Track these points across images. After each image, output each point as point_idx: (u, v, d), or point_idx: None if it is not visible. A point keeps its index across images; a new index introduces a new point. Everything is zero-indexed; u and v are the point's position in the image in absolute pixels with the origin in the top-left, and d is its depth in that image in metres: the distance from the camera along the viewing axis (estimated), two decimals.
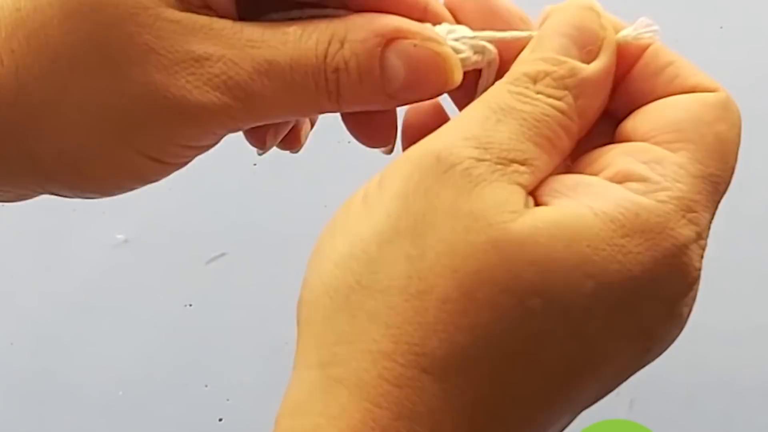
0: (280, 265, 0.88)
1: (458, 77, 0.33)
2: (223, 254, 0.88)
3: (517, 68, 0.31)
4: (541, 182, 0.30)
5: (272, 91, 0.32)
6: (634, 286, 0.29)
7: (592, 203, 0.29)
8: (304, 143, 0.41)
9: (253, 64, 0.32)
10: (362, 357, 0.28)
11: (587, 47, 0.32)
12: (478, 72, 0.35)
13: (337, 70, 0.32)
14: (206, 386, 0.84)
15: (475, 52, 0.34)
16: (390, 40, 0.33)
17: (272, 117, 0.33)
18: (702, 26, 0.91)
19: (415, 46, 0.33)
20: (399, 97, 0.33)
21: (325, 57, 0.32)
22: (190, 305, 0.86)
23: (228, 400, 0.84)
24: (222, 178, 0.88)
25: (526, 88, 0.31)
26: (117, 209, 0.87)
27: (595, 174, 0.30)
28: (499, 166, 0.29)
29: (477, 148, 0.29)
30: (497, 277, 0.28)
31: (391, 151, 0.38)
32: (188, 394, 0.84)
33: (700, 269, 0.30)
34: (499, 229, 0.28)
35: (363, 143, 0.38)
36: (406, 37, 0.33)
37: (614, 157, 0.31)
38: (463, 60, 0.34)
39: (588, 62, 0.31)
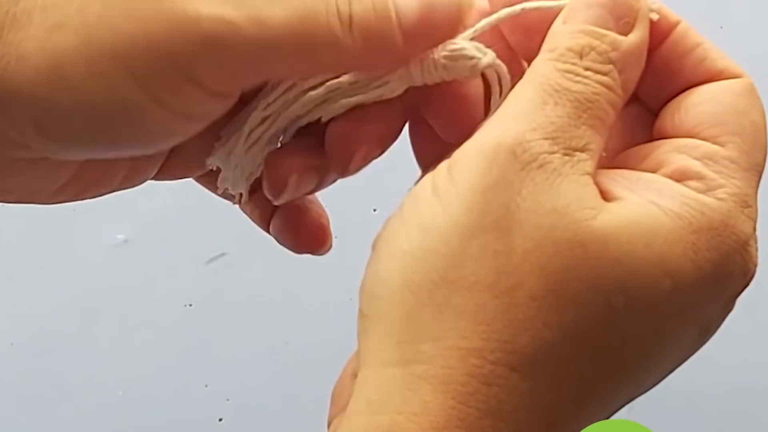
0: (280, 265, 0.88)
1: (470, 8, 0.33)
2: (223, 254, 0.88)
3: (557, 42, 0.31)
4: (598, 167, 0.31)
5: (279, 11, 0.30)
6: (705, 285, 0.30)
7: (658, 201, 0.29)
8: (330, 242, 0.40)
9: None
10: (449, 354, 0.28)
11: (623, 19, 0.32)
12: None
13: None
14: (206, 386, 0.84)
15: (475, 48, 0.34)
16: None
17: (283, 43, 0.30)
18: (702, 26, 0.91)
19: None
20: (413, 36, 0.32)
21: None
22: (190, 305, 0.86)
23: (228, 400, 0.84)
24: None
25: (574, 64, 0.31)
26: (117, 209, 0.87)
27: (652, 171, 0.31)
28: (567, 157, 0.29)
29: (545, 139, 0.29)
30: (584, 275, 0.28)
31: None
32: (188, 394, 0.84)
33: (756, 264, 0.31)
34: (584, 227, 0.28)
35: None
36: None
37: (666, 154, 0.31)
38: (460, 53, 0.34)
39: (625, 34, 0.31)
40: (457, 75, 0.35)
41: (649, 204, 0.29)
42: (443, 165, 0.31)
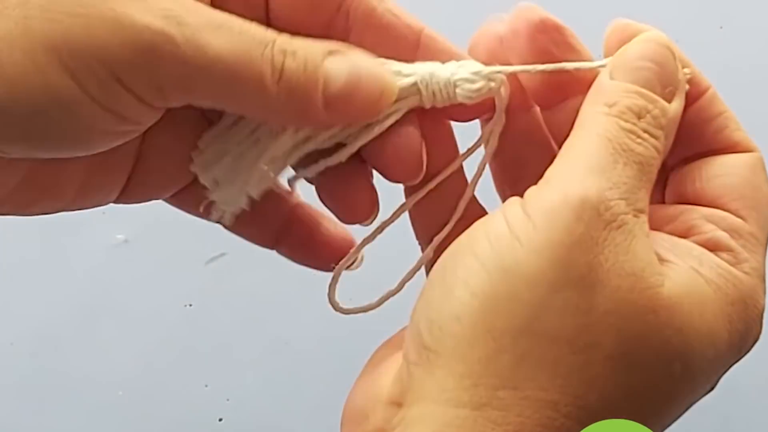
0: (280, 265, 0.87)
1: (391, 97, 0.34)
2: (223, 254, 0.88)
3: (614, 97, 0.32)
4: None
5: (218, 42, 0.31)
6: (732, 353, 0.32)
7: (699, 269, 0.31)
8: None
9: (205, 18, 0.31)
10: (526, 404, 0.29)
11: (668, 87, 0.33)
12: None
13: (284, 52, 0.32)
14: (206, 386, 0.84)
15: (489, 80, 0.35)
16: (336, 51, 0.34)
17: (214, 72, 0.31)
18: (702, 26, 0.91)
19: (358, 57, 0.34)
20: (334, 104, 0.33)
21: (275, 40, 0.32)
22: (190, 305, 0.86)
23: (228, 400, 0.84)
24: None
25: (634, 125, 0.32)
26: (117, 209, 0.87)
27: (681, 235, 0.33)
28: (636, 218, 0.31)
29: (622, 199, 0.30)
30: (652, 341, 0.30)
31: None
32: (188, 394, 0.84)
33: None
34: (656, 294, 0.30)
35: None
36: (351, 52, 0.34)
37: (696, 221, 0.33)
38: (477, 89, 0.35)
39: (669, 101, 0.33)
40: (464, 99, 0.35)
41: (693, 272, 0.31)
42: (516, 206, 0.31)
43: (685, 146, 0.35)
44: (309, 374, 0.81)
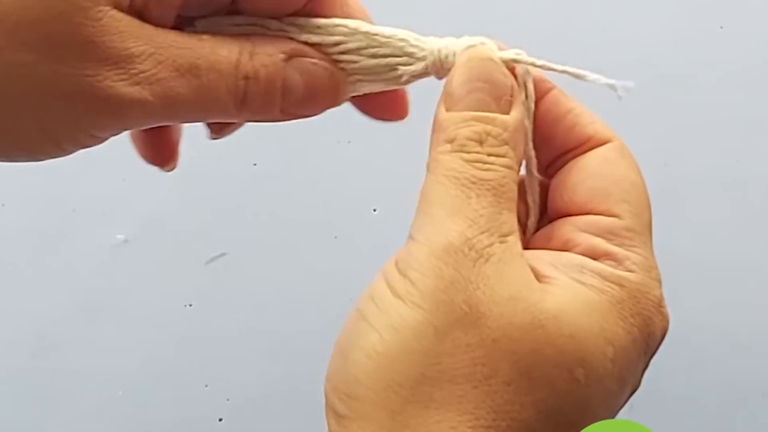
0: (280, 265, 0.88)
1: (345, 96, 0.37)
2: (223, 254, 0.88)
3: (453, 132, 0.33)
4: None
5: (188, 90, 0.34)
6: (636, 347, 0.32)
7: (581, 278, 0.32)
8: (177, 161, 0.43)
9: (175, 64, 0.34)
10: None
11: (503, 98, 0.34)
12: None
13: (246, 77, 0.35)
14: (206, 386, 0.84)
15: None
16: (291, 56, 0.36)
17: (181, 116, 0.35)
18: (702, 26, 0.91)
19: (313, 64, 0.36)
20: (291, 110, 0.36)
21: (237, 65, 0.35)
22: (190, 305, 0.87)
23: (228, 400, 0.84)
24: (222, 178, 0.88)
25: (478, 153, 0.33)
26: (117, 209, 0.87)
27: (561, 250, 0.34)
28: (503, 245, 0.32)
29: (483, 233, 0.32)
30: (547, 354, 0.31)
31: (402, 119, 0.40)
32: (188, 394, 0.84)
33: (669, 321, 0.34)
34: (539, 309, 0.31)
35: (377, 118, 0.40)
36: (306, 56, 0.36)
37: (570, 234, 0.34)
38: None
39: (507, 112, 0.34)
40: None
41: (574, 282, 0.32)
42: (392, 269, 0.33)
43: (543, 152, 0.36)
44: (309, 374, 0.81)
